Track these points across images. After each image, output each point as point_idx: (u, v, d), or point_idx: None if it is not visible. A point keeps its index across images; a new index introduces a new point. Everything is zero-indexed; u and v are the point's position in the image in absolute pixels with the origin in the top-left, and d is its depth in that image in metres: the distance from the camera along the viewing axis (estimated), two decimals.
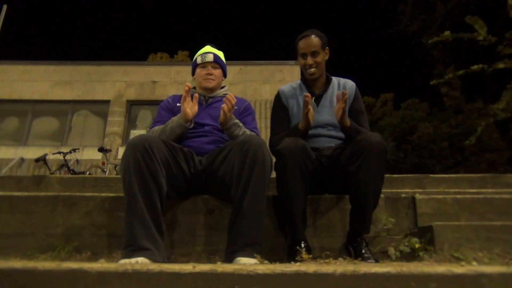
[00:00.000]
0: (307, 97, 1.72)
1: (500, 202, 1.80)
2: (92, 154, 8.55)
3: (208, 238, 1.67)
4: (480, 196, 1.87)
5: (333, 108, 1.98)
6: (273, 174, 1.63)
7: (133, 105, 10.04)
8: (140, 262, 1.21)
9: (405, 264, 1.36)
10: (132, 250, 1.29)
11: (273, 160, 1.58)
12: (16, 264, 0.91)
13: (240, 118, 1.95)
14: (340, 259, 1.46)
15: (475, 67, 5.15)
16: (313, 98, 2.01)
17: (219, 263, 1.12)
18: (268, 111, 9.05)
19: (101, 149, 6.92)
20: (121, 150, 8.99)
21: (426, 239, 1.55)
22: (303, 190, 1.59)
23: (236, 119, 1.84)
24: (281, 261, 1.53)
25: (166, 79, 10.09)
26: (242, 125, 1.86)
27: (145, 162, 1.40)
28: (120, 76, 10.10)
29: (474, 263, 1.39)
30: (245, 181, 1.43)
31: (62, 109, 9.91)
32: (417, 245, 1.55)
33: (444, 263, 1.42)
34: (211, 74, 2.01)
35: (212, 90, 2.04)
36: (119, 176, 2.13)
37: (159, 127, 1.86)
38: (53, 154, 6.88)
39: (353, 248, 1.58)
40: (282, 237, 1.72)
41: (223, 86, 2.13)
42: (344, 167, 1.63)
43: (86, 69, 10.14)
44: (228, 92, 2.13)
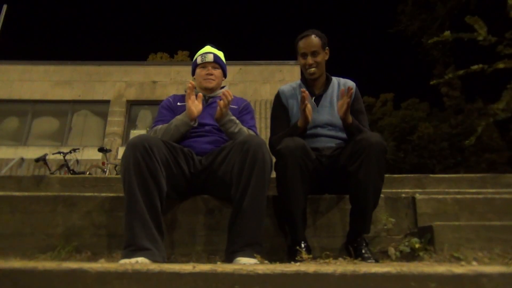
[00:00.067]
0: (304, 93, 1.72)
1: (500, 202, 1.80)
2: (92, 154, 8.55)
3: (208, 238, 1.67)
4: (480, 196, 1.87)
5: (332, 108, 1.98)
6: (273, 174, 1.63)
7: (133, 105, 10.05)
8: (140, 262, 1.21)
9: (405, 264, 1.36)
10: (132, 250, 1.29)
11: (273, 160, 1.58)
12: (16, 264, 0.91)
13: (239, 117, 1.96)
14: (340, 259, 1.46)
15: (475, 67, 5.14)
16: (313, 98, 2.01)
17: (219, 263, 1.11)
18: (268, 111, 9.05)
19: (101, 149, 6.92)
20: (121, 150, 8.99)
21: (426, 239, 1.55)
22: (303, 190, 1.59)
23: (232, 116, 1.85)
24: (281, 261, 1.53)
25: (166, 79, 10.09)
26: (239, 122, 1.86)
27: (145, 162, 1.40)
28: (120, 76, 10.10)
29: (474, 263, 1.39)
30: (245, 181, 1.43)
31: (62, 109, 9.91)
32: (417, 245, 1.55)
33: (444, 263, 1.42)
34: (211, 74, 2.02)
35: (212, 90, 2.04)
36: (119, 176, 2.13)
37: (163, 125, 1.86)
38: (53, 154, 6.88)
39: (353, 248, 1.58)
40: (282, 237, 1.72)
41: (223, 86, 2.13)
42: (344, 167, 1.63)
43: (86, 69, 10.14)
44: None
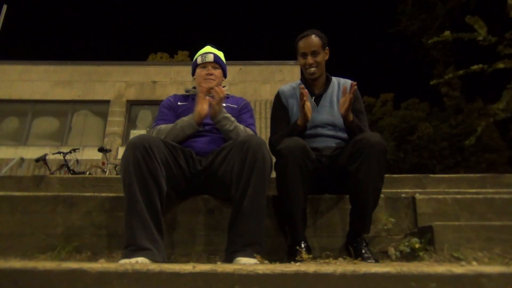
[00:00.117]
0: (302, 89, 1.72)
1: (500, 202, 1.80)
2: (92, 154, 8.55)
3: (208, 238, 1.67)
4: (480, 196, 1.87)
5: (332, 108, 1.98)
6: (273, 174, 1.63)
7: (133, 105, 10.05)
8: (140, 262, 1.21)
9: (405, 264, 1.36)
10: (132, 250, 1.29)
11: (273, 160, 1.58)
12: (16, 264, 0.91)
13: (238, 115, 1.96)
14: (340, 259, 1.46)
15: (475, 67, 5.14)
16: (313, 98, 2.02)
17: (219, 263, 1.11)
18: (268, 111, 9.05)
19: (101, 149, 6.92)
20: (121, 150, 8.99)
21: (426, 239, 1.55)
22: (303, 190, 1.59)
23: (227, 113, 1.85)
24: (281, 261, 1.53)
25: (166, 79, 10.10)
26: (234, 120, 1.86)
27: (145, 162, 1.40)
28: (120, 76, 10.10)
29: (474, 263, 1.39)
30: (245, 181, 1.43)
31: (62, 109, 9.91)
32: (417, 245, 1.55)
33: (444, 263, 1.42)
34: (211, 74, 2.02)
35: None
36: (119, 176, 2.13)
37: (167, 125, 1.86)
38: (53, 154, 6.88)
39: (353, 248, 1.58)
40: (282, 237, 1.72)
41: (223, 86, 2.13)
42: (344, 167, 1.63)
43: (86, 69, 10.14)
44: (228, 92, 2.13)
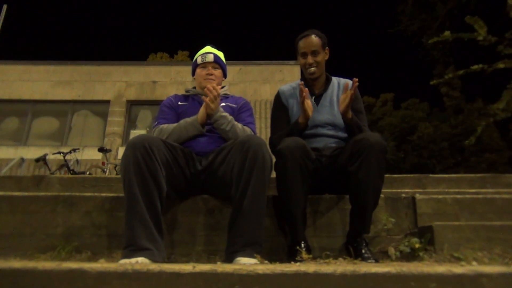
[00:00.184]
0: (301, 85, 1.72)
1: (500, 202, 1.80)
2: (92, 154, 8.55)
3: (208, 238, 1.67)
4: (480, 196, 1.87)
5: (332, 108, 1.98)
6: (273, 174, 1.63)
7: (133, 105, 10.05)
8: (140, 262, 1.21)
9: (405, 264, 1.36)
10: (132, 250, 1.29)
11: (273, 160, 1.58)
12: (16, 264, 0.91)
13: (237, 115, 1.96)
14: (340, 259, 1.46)
15: (475, 67, 5.13)
16: (313, 97, 2.02)
17: (219, 263, 1.11)
18: (268, 111, 9.05)
19: (101, 149, 6.92)
20: (121, 150, 8.99)
21: (426, 239, 1.55)
22: (303, 190, 1.59)
23: (224, 113, 1.84)
24: (281, 261, 1.53)
25: (166, 79, 10.10)
26: (232, 119, 1.85)
27: (145, 162, 1.40)
28: (120, 76, 10.10)
29: (474, 263, 1.39)
30: (245, 181, 1.43)
31: (62, 109, 9.91)
32: (417, 245, 1.55)
33: (444, 263, 1.42)
34: (211, 74, 2.02)
35: None
36: (119, 176, 2.13)
37: (169, 125, 1.86)
38: (53, 154, 6.88)
39: (353, 248, 1.58)
40: (282, 237, 1.72)
41: (223, 86, 2.13)
42: (344, 167, 1.63)
43: (86, 69, 10.14)
44: (228, 92, 2.13)
